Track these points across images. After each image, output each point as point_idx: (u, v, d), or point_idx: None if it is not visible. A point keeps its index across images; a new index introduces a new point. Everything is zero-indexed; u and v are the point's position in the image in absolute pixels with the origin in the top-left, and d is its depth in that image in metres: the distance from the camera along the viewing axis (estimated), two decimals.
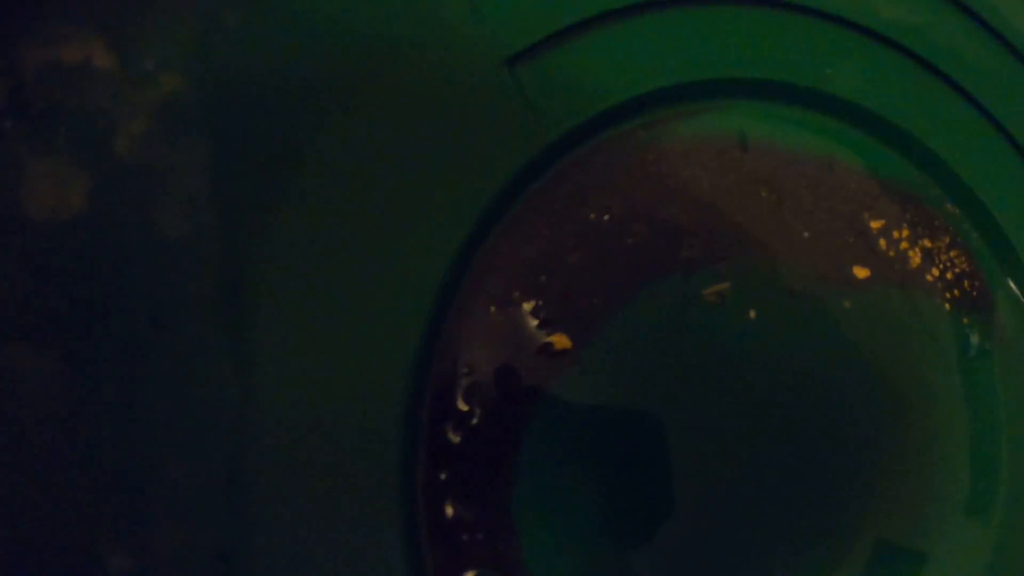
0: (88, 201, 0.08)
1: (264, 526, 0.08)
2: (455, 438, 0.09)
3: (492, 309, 0.09)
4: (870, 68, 0.12)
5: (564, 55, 0.10)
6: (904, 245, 0.12)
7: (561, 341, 0.09)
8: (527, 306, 0.09)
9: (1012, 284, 0.13)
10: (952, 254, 0.13)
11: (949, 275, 0.13)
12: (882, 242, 0.12)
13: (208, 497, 0.08)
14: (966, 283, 0.13)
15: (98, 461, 0.08)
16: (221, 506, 0.08)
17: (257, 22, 0.09)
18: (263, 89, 0.09)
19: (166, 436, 0.08)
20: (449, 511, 0.09)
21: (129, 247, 0.08)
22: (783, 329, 0.10)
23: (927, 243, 0.12)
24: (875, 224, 0.12)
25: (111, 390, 0.08)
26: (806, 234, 0.11)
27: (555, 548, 0.10)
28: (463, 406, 0.09)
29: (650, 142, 0.10)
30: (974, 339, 0.13)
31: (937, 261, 0.12)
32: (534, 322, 0.09)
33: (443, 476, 0.09)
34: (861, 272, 0.11)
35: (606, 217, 0.10)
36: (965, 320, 0.13)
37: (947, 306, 0.12)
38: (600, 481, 0.10)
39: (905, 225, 0.12)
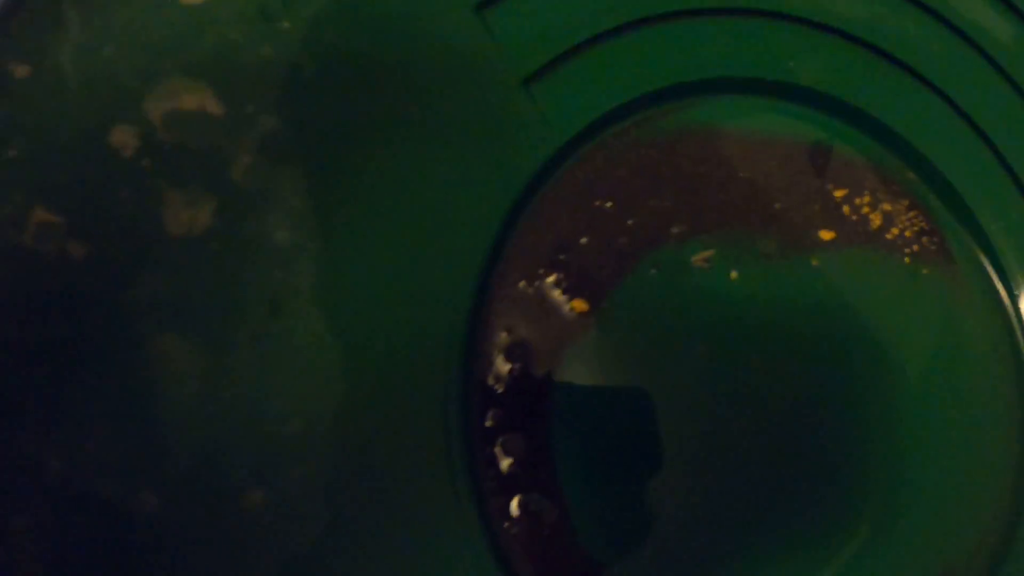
0: (214, 218, 0.11)
1: (349, 463, 0.11)
2: (499, 388, 0.12)
3: (523, 283, 0.12)
4: (828, 58, 0.14)
5: (570, 71, 0.12)
6: (866, 210, 0.14)
7: (579, 305, 0.12)
8: (550, 279, 0.12)
9: (968, 237, 0.15)
10: (911, 214, 0.15)
11: (908, 233, 0.15)
12: (846, 208, 0.14)
13: (321, 441, 0.11)
14: (925, 239, 0.15)
15: (235, 416, 0.11)
16: (333, 448, 0.11)
17: (325, 69, 0.11)
18: (334, 122, 0.11)
19: (286, 394, 0.11)
20: (497, 449, 0.12)
21: (248, 253, 0.11)
22: (760, 286, 0.13)
23: (887, 207, 0.15)
24: (839, 193, 0.14)
25: (243, 365, 0.11)
26: (777, 206, 0.13)
27: (585, 473, 0.12)
28: (505, 362, 0.12)
29: (642, 138, 0.13)
30: (935, 287, 0.15)
31: (897, 221, 0.15)
32: (557, 291, 0.12)
33: (490, 421, 0.12)
34: (827, 235, 0.14)
35: (609, 204, 0.12)
36: (925, 271, 0.15)
37: (907, 260, 0.14)
38: (618, 416, 0.12)
39: (867, 192, 0.14)
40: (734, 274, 0.13)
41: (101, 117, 0.10)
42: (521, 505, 0.12)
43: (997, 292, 0.15)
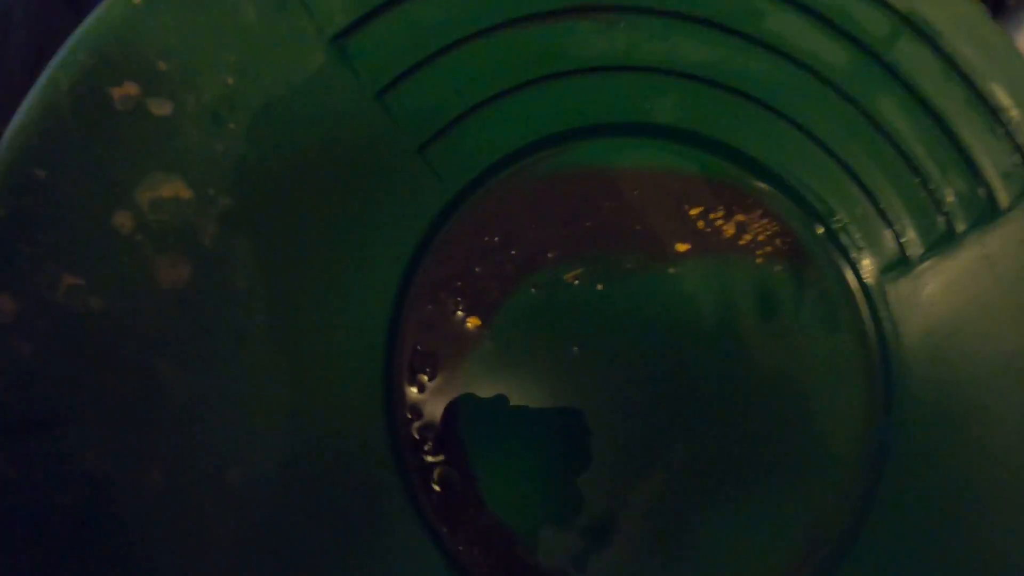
0: (192, 274, 0.14)
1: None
2: (416, 393, 0.15)
3: (429, 307, 0.15)
4: (680, 98, 0.17)
5: (455, 136, 0.16)
6: (720, 222, 0.17)
7: (474, 321, 0.15)
8: (451, 302, 0.15)
9: (820, 231, 0.18)
10: (764, 221, 0.18)
11: (761, 237, 0.18)
12: (700, 223, 0.17)
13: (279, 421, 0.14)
14: (778, 240, 0.18)
15: (218, 412, 0.14)
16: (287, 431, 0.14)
17: (263, 157, 0.15)
18: (274, 197, 0.15)
19: (253, 395, 0.14)
20: (415, 434, 0.15)
21: (218, 299, 0.14)
22: (622, 295, 0.16)
23: (740, 217, 0.17)
24: (694, 211, 0.17)
25: (220, 379, 0.14)
26: (638, 227, 0.16)
27: (489, 448, 0.16)
28: (419, 372, 0.15)
29: (522, 181, 0.16)
30: (788, 280, 0.18)
31: (750, 229, 0.18)
32: (457, 311, 0.15)
33: (410, 416, 0.15)
34: (682, 247, 0.17)
35: (496, 238, 0.16)
36: (778, 267, 0.18)
37: (759, 260, 0.17)
38: (511, 406, 0.16)
39: (720, 207, 0.17)
40: (600, 287, 0.16)
41: (105, 206, 0.14)
42: (440, 478, 0.15)
43: (845, 280, 0.18)
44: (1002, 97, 0.17)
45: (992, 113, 0.18)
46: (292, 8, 0.14)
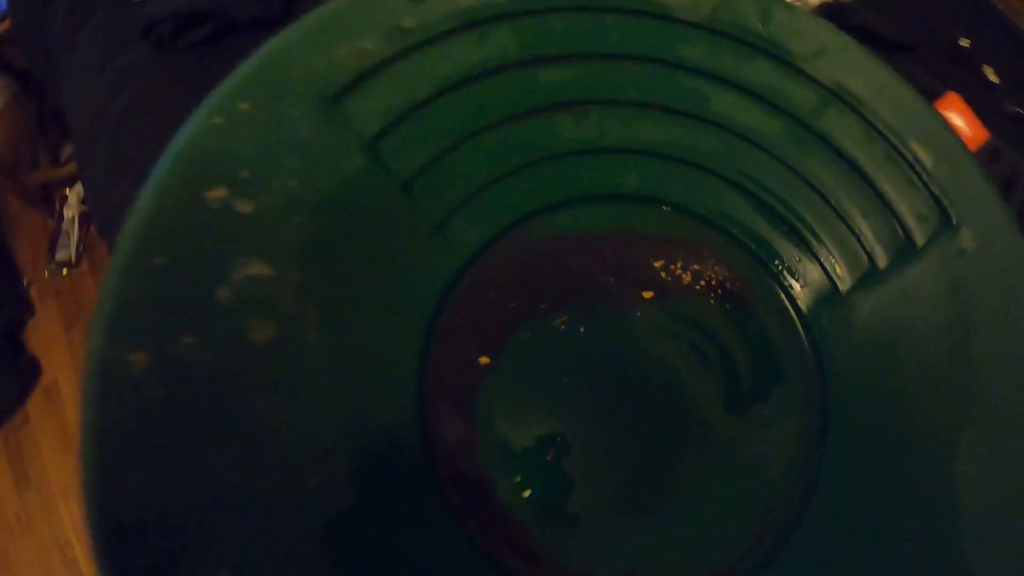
0: (276, 332, 0.18)
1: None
2: (446, 413, 0.19)
3: (449, 349, 0.19)
4: (643, 172, 0.21)
5: (464, 215, 0.20)
6: (678, 272, 0.21)
7: (484, 360, 0.19)
8: (465, 343, 0.19)
9: (766, 275, 0.22)
10: (715, 268, 0.22)
11: (714, 281, 0.22)
12: (664, 274, 0.21)
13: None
14: (727, 284, 0.22)
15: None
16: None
17: (318, 238, 0.19)
18: (330, 268, 0.19)
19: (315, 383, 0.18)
20: (444, 449, 0.19)
21: (293, 348, 0.18)
22: (599, 335, 0.20)
23: (696, 266, 0.22)
24: (657, 264, 0.21)
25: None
26: (611, 280, 0.20)
27: (500, 454, 0.20)
28: (442, 396, 0.19)
29: (518, 246, 0.20)
30: (737, 315, 0.22)
31: (704, 276, 0.22)
32: (470, 351, 0.19)
33: (443, 430, 0.19)
34: (647, 293, 0.21)
35: (499, 293, 0.20)
36: (728, 306, 0.22)
37: (712, 301, 0.22)
38: (513, 420, 0.20)
39: (679, 259, 0.21)
40: (582, 329, 0.20)
41: (209, 283, 0.18)
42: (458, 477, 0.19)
43: (787, 311, 0.22)
44: (919, 152, 0.22)
45: (909, 166, 0.22)
46: (337, 122, 0.18)
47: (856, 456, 0.21)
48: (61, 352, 1.11)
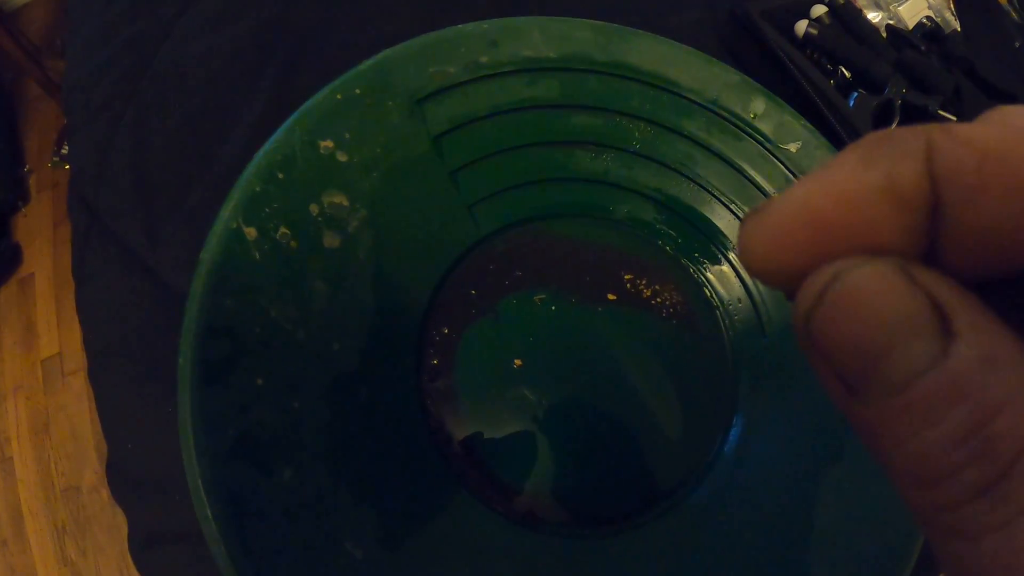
0: (340, 244, 0.26)
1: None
2: (436, 361, 0.26)
3: (454, 296, 0.26)
4: (633, 206, 0.27)
5: (491, 203, 0.27)
6: (642, 287, 0.27)
7: (483, 307, 0.26)
8: (472, 292, 0.26)
9: (710, 309, 0.28)
10: (673, 294, 0.28)
11: (668, 302, 0.28)
12: (629, 285, 0.27)
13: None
14: (678, 306, 0.28)
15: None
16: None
17: (385, 191, 0.26)
18: (388, 214, 0.26)
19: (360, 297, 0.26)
20: (434, 363, 0.26)
21: (348, 258, 0.26)
22: (568, 315, 0.26)
23: (657, 287, 0.28)
24: (628, 276, 0.27)
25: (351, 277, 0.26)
26: (587, 278, 0.27)
27: (474, 376, 0.26)
28: (440, 327, 0.26)
29: (522, 237, 0.27)
30: (679, 331, 0.27)
31: (661, 296, 0.28)
32: (468, 299, 0.26)
33: (432, 351, 0.26)
34: (612, 296, 0.27)
35: (500, 266, 0.27)
36: (674, 321, 0.28)
37: (664, 315, 0.27)
38: (491, 358, 0.26)
39: (645, 277, 0.27)
40: (553, 308, 0.26)
41: (304, 200, 0.26)
42: (438, 391, 0.26)
43: (721, 334, 0.28)
44: None
45: None
46: (416, 119, 0.26)
47: (754, 451, 0.26)
48: (44, 246, 1.05)
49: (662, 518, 0.25)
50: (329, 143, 0.25)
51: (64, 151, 1.08)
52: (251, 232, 0.23)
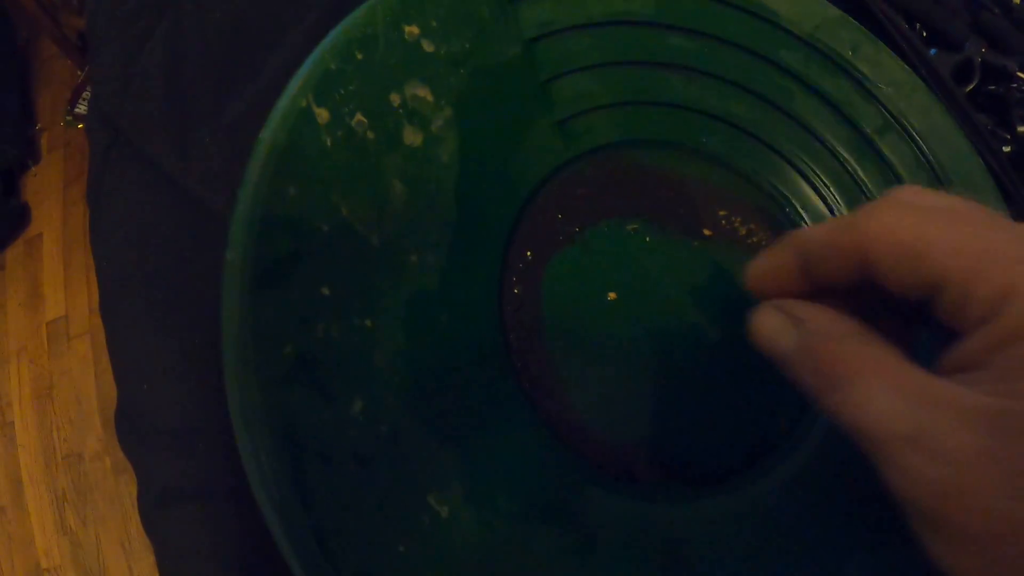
0: (423, 141, 0.22)
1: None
2: (517, 290, 0.23)
3: (540, 218, 0.23)
4: (725, 138, 0.25)
5: (582, 122, 0.24)
6: (737, 223, 0.25)
7: (567, 234, 0.23)
8: (559, 216, 0.23)
9: None
10: (766, 231, 0.26)
11: (764, 241, 0.25)
12: (724, 221, 0.25)
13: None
14: (764, 242, 0.26)
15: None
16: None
17: (473, 90, 0.23)
18: (474, 115, 0.23)
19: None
20: (516, 291, 0.23)
21: (430, 159, 0.22)
22: (661, 246, 0.24)
23: (752, 225, 0.25)
24: (722, 212, 0.25)
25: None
26: (682, 211, 0.24)
27: (560, 317, 0.23)
28: (525, 251, 0.23)
29: (612, 163, 0.24)
30: None
31: (756, 234, 0.25)
32: (555, 223, 0.23)
33: (515, 279, 0.23)
34: (708, 232, 0.24)
35: (590, 190, 0.24)
36: None
37: (748, 250, 0.25)
38: (575, 293, 0.23)
39: (739, 214, 0.25)
40: (647, 239, 0.24)
41: (386, 88, 0.22)
42: (519, 320, 0.22)
43: None
44: (961, 189, 0.26)
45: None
46: (510, 16, 0.23)
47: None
48: (54, 206, 1.04)
49: (763, 479, 0.23)
50: (415, 28, 0.22)
51: (78, 110, 1.03)
52: (323, 114, 0.20)
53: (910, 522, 0.12)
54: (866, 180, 0.26)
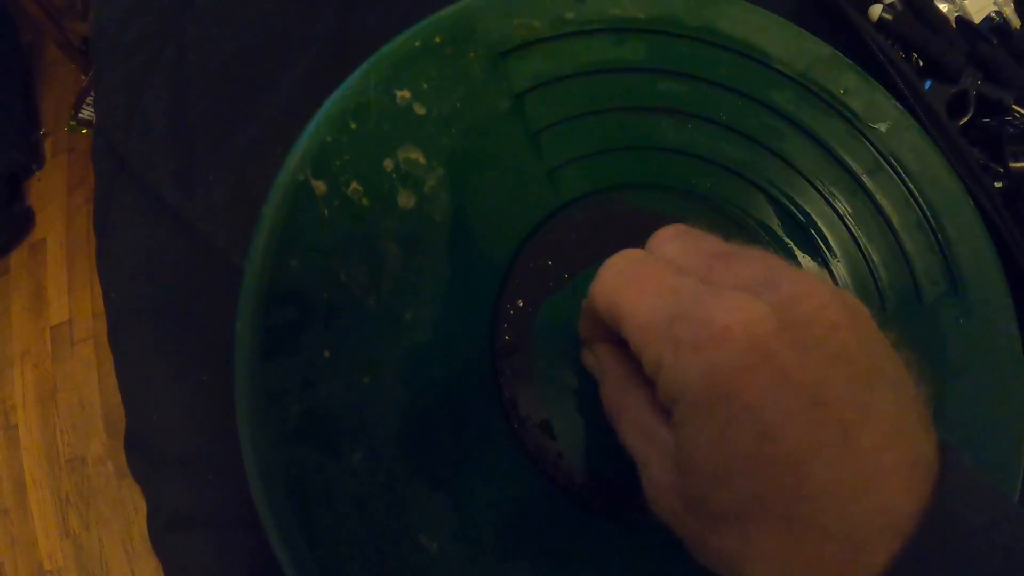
0: (415, 204, 0.23)
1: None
2: (508, 336, 0.24)
3: (531, 266, 0.24)
4: (714, 181, 0.26)
5: (571, 170, 0.25)
6: None
7: (560, 278, 0.24)
8: (549, 263, 0.24)
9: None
10: None
11: None
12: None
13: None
14: None
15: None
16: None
17: (464, 149, 0.24)
18: (466, 172, 0.24)
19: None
20: (506, 338, 0.24)
21: (424, 221, 0.23)
22: None
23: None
24: None
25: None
26: None
27: (547, 346, 0.24)
28: (516, 299, 0.24)
29: (600, 209, 0.25)
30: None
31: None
32: (547, 269, 0.24)
33: (505, 325, 0.24)
34: None
35: (581, 235, 0.24)
36: None
37: None
38: (561, 335, 0.24)
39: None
40: None
41: (380, 155, 0.23)
42: (511, 361, 0.24)
43: None
44: (947, 227, 0.26)
45: (935, 236, 0.26)
46: (498, 74, 0.24)
47: None
48: (58, 211, 1.03)
49: None
50: (406, 93, 0.23)
51: (82, 115, 1.03)
52: (320, 186, 0.21)
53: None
54: (856, 221, 0.26)
